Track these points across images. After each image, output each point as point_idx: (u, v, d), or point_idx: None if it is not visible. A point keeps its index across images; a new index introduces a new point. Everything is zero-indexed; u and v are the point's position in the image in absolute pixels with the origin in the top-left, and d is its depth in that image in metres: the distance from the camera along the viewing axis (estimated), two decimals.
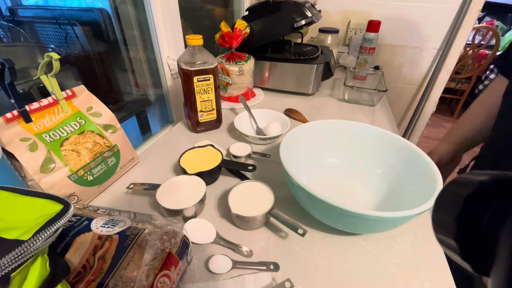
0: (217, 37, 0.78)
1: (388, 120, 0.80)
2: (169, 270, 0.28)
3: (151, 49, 0.72)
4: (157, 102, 0.85)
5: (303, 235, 0.38)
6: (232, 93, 0.84)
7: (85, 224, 0.28)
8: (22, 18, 0.65)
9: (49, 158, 0.40)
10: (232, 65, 0.79)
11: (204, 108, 0.66)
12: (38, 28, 0.65)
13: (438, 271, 0.37)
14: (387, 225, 0.37)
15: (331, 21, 1.28)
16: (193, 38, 0.58)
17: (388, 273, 0.37)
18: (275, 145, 0.66)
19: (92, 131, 0.46)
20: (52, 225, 0.19)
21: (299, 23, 0.79)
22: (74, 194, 0.43)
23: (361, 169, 0.52)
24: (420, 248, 0.40)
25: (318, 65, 0.85)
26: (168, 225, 0.31)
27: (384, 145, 0.50)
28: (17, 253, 0.17)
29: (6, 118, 0.37)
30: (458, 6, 1.07)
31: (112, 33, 0.71)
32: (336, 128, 0.53)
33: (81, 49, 0.68)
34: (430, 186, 0.38)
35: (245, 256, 0.38)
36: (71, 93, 0.46)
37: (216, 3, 1.12)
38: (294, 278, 0.35)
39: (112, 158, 0.49)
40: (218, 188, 0.51)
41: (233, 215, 0.41)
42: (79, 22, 0.66)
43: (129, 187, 0.48)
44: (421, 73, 1.26)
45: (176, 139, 0.68)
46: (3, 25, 0.61)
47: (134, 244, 0.27)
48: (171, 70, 0.75)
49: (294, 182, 0.37)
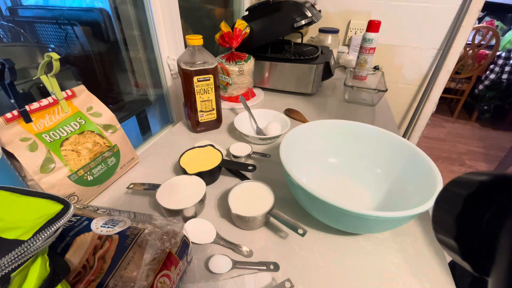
0: (217, 37, 0.78)
1: (388, 120, 0.80)
2: (169, 270, 0.28)
3: (151, 49, 0.72)
4: (157, 102, 0.85)
5: (303, 235, 0.38)
6: (232, 93, 0.84)
7: (85, 224, 0.28)
8: (22, 18, 0.65)
9: (49, 158, 0.40)
10: (232, 65, 0.79)
11: (204, 108, 0.66)
12: (38, 28, 0.65)
13: (438, 271, 0.37)
14: (387, 225, 0.37)
15: (331, 21, 1.28)
16: (193, 38, 0.58)
17: (388, 273, 0.37)
18: (275, 145, 0.66)
19: (92, 131, 0.46)
20: (52, 225, 0.19)
21: (299, 23, 0.79)
22: (74, 194, 0.43)
23: (361, 169, 0.52)
24: (420, 248, 0.40)
25: (318, 65, 0.85)
26: (168, 225, 0.31)
27: (384, 145, 0.50)
28: (17, 253, 0.17)
29: (6, 118, 0.37)
30: (458, 6, 1.07)
31: (112, 33, 0.71)
32: (336, 128, 0.53)
33: (81, 49, 0.68)
34: (430, 186, 0.38)
35: (245, 256, 0.38)
36: (71, 93, 0.46)
37: (216, 3, 1.12)
38: (294, 278, 0.35)
39: (112, 158, 0.49)
40: (218, 188, 0.51)
41: (233, 215, 0.41)
42: (79, 22, 0.65)
43: (129, 187, 0.48)
44: (421, 73, 1.26)
45: (176, 139, 0.68)
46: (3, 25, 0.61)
47: (134, 244, 0.27)
48: (171, 70, 0.75)
49: (294, 182, 0.37)
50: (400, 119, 1.43)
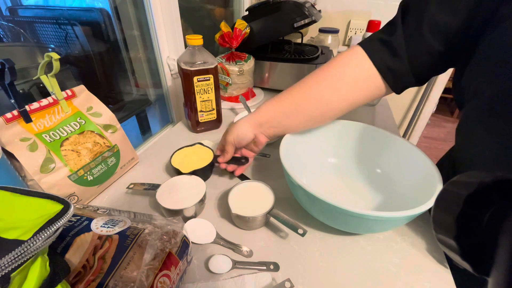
0: (217, 37, 0.78)
1: (388, 120, 0.80)
2: (169, 270, 0.28)
3: (151, 49, 0.72)
4: (157, 102, 0.85)
5: (303, 235, 0.38)
6: (232, 93, 0.84)
7: (85, 224, 0.28)
8: (22, 18, 0.65)
9: (49, 158, 0.40)
10: (232, 65, 0.79)
11: (204, 108, 0.66)
12: (38, 28, 0.65)
13: (438, 271, 0.37)
14: (387, 225, 0.37)
15: (331, 21, 1.28)
16: (193, 38, 0.58)
17: (388, 273, 0.37)
18: (275, 145, 0.65)
19: (92, 131, 0.46)
20: (52, 225, 0.19)
21: (299, 23, 0.79)
22: (74, 194, 0.43)
23: (361, 169, 0.52)
24: (420, 248, 0.40)
25: (318, 65, 0.85)
26: (168, 225, 0.31)
27: (384, 145, 0.50)
28: (17, 253, 0.17)
29: (6, 118, 0.37)
30: None
31: (112, 33, 0.71)
32: (336, 128, 0.53)
33: (81, 49, 0.68)
34: (430, 186, 0.38)
35: (245, 256, 0.38)
36: (71, 93, 0.46)
37: (216, 3, 1.12)
38: (294, 278, 0.35)
39: (112, 158, 0.49)
40: (218, 188, 0.51)
41: (233, 215, 0.41)
42: (79, 22, 0.65)
43: (129, 187, 0.48)
44: None
45: (176, 139, 0.68)
46: (3, 25, 0.61)
47: (134, 244, 0.27)
48: (171, 70, 0.75)
49: (294, 182, 0.37)
50: (400, 119, 1.43)
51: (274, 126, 0.47)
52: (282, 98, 0.46)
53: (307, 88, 0.44)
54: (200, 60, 0.60)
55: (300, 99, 0.45)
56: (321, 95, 0.44)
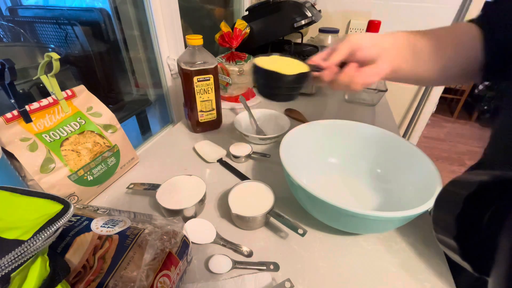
0: (217, 37, 0.78)
1: (388, 120, 0.80)
2: (169, 270, 0.28)
3: (151, 49, 0.72)
4: (157, 102, 0.85)
5: (303, 235, 0.38)
6: (232, 93, 0.84)
7: (85, 224, 0.28)
8: (22, 18, 0.65)
9: (49, 158, 0.40)
10: (232, 65, 0.79)
11: (204, 108, 0.66)
12: (38, 28, 0.65)
13: (438, 271, 0.37)
14: (387, 225, 0.37)
15: (331, 21, 1.28)
16: (193, 38, 0.58)
17: (388, 273, 0.37)
18: (275, 145, 0.65)
19: (92, 131, 0.46)
20: (52, 225, 0.19)
21: (299, 23, 0.79)
22: (74, 194, 0.43)
23: (361, 169, 0.52)
24: (420, 248, 0.40)
25: None
26: (168, 225, 0.31)
27: (384, 145, 0.50)
28: (17, 253, 0.17)
29: (6, 118, 0.37)
30: (458, 6, 1.07)
31: (112, 33, 0.71)
32: (336, 128, 0.53)
33: (81, 49, 0.68)
34: (430, 186, 0.38)
35: (245, 256, 0.38)
36: (71, 93, 0.46)
37: (216, 3, 1.12)
38: (294, 278, 0.35)
39: (112, 158, 0.49)
40: (218, 188, 0.51)
41: (233, 215, 0.41)
42: (79, 22, 0.65)
43: (129, 187, 0.48)
44: None
45: (176, 139, 0.68)
46: (3, 25, 0.61)
47: (134, 244, 0.27)
48: (171, 70, 0.75)
49: (294, 182, 0.37)
50: (400, 119, 1.43)
51: (401, 56, 0.40)
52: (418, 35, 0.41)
53: (441, 36, 0.41)
54: (200, 60, 0.60)
55: (436, 40, 0.40)
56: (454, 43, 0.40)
